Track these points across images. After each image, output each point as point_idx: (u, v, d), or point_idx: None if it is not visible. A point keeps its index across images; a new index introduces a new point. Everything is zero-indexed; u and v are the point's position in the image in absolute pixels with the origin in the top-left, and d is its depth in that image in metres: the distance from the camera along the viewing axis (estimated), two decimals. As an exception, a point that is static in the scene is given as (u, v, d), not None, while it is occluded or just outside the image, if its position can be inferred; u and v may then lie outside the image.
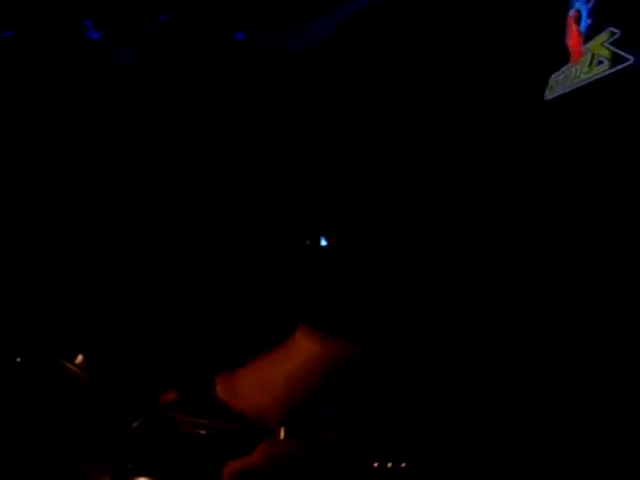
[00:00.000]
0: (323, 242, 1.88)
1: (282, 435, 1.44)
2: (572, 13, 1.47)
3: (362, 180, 1.79)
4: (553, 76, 1.36)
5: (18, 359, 1.60)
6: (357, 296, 1.35)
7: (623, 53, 1.26)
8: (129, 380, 1.59)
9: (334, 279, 1.42)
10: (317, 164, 1.92)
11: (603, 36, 1.30)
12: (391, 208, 1.55)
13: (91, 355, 1.60)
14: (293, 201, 1.93)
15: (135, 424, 1.55)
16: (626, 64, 1.25)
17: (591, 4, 1.41)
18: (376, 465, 1.43)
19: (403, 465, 1.42)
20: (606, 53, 1.29)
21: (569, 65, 1.35)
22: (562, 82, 1.33)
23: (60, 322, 1.78)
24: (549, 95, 1.34)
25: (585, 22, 1.47)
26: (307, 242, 1.88)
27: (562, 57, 1.39)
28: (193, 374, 1.60)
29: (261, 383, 1.42)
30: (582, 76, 1.33)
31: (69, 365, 1.59)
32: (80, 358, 1.60)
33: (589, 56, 1.38)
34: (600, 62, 1.29)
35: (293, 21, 1.99)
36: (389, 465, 1.42)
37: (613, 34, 1.29)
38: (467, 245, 1.30)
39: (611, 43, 1.29)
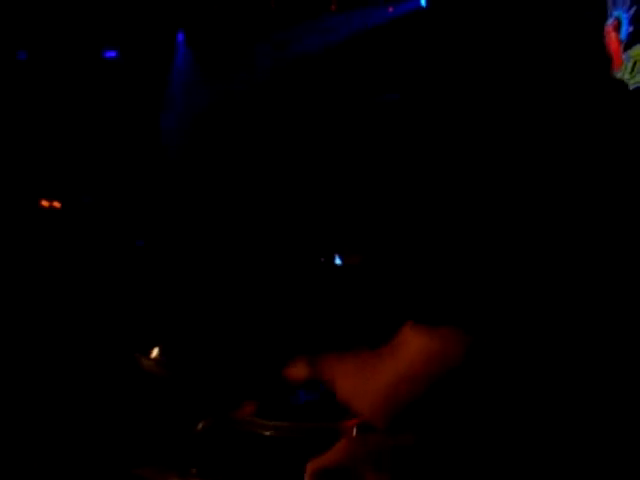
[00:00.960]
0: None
1: (354, 433, 1.41)
2: (611, 22, 1.51)
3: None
4: None
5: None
6: (461, 285, 1.31)
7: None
8: (202, 377, 1.56)
9: (436, 271, 1.37)
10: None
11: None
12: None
13: (167, 350, 1.57)
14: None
15: (200, 426, 1.52)
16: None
17: (632, 12, 1.47)
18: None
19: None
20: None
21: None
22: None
23: (137, 316, 1.74)
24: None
25: (626, 30, 1.52)
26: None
27: (604, 65, 1.42)
28: (267, 375, 1.57)
29: (366, 382, 1.32)
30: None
31: (145, 359, 1.56)
32: (156, 352, 1.57)
33: (630, 63, 1.42)
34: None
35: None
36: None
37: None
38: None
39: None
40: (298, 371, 1.44)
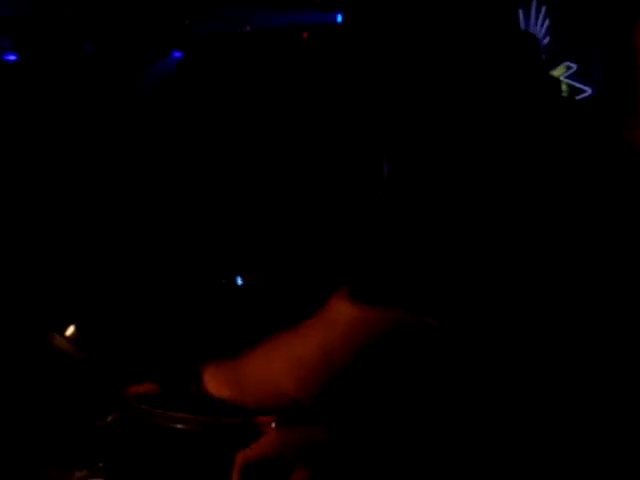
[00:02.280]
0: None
1: (274, 427, 1.39)
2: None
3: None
4: None
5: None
6: (395, 260, 1.29)
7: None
8: (119, 361, 1.51)
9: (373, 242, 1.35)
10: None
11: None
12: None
13: (84, 328, 1.50)
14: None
15: (108, 419, 1.46)
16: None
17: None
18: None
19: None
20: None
21: None
22: None
23: (52, 289, 1.66)
24: None
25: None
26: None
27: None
28: (178, 364, 1.53)
29: (287, 357, 1.26)
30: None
31: (58, 337, 1.49)
32: (71, 330, 1.51)
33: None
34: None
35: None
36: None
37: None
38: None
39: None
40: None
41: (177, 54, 5.51)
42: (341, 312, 1.23)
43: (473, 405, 1.27)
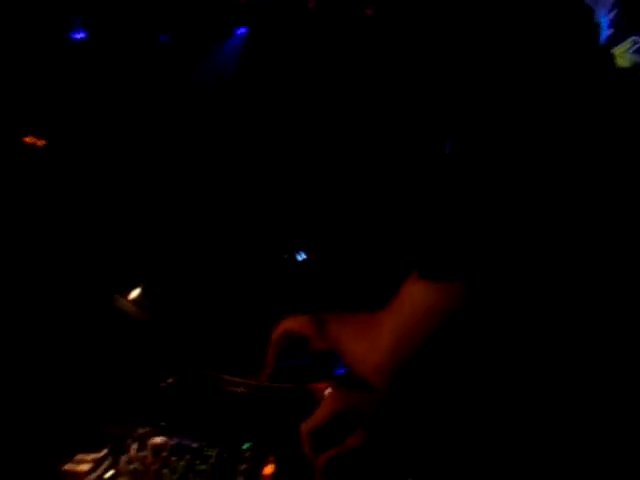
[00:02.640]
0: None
1: (330, 392, 1.44)
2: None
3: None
4: None
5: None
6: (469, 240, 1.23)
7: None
8: (184, 325, 1.56)
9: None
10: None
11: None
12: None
13: (149, 292, 1.56)
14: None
15: (171, 379, 1.53)
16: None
17: (612, 15, 1.53)
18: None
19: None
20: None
21: None
22: None
23: (117, 253, 1.72)
24: None
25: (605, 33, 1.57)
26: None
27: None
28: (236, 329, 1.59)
29: (369, 343, 1.31)
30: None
31: (123, 300, 1.55)
32: (136, 293, 1.57)
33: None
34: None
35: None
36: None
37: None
38: None
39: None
40: (301, 325, 1.45)
41: (241, 30, 5.49)
42: (411, 293, 1.26)
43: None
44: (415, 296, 1.24)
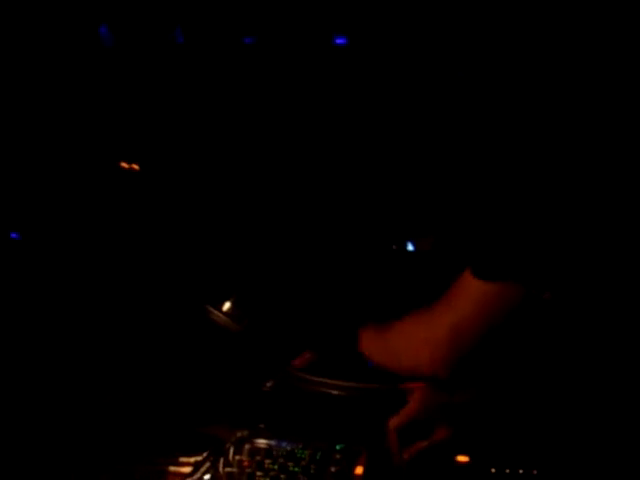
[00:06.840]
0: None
1: (420, 392, 1.46)
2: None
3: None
4: None
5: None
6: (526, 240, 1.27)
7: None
8: (274, 334, 1.60)
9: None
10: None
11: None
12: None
13: (240, 303, 1.61)
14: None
15: (268, 384, 1.56)
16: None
17: None
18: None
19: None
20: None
21: None
22: None
23: (209, 265, 1.78)
24: None
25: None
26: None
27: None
28: (331, 333, 1.61)
29: (423, 336, 1.38)
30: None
31: (216, 312, 1.60)
32: (228, 305, 1.62)
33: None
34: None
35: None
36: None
37: None
38: None
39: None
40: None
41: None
42: (466, 288, 1.32)
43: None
44: (471, 285, 1.30)
